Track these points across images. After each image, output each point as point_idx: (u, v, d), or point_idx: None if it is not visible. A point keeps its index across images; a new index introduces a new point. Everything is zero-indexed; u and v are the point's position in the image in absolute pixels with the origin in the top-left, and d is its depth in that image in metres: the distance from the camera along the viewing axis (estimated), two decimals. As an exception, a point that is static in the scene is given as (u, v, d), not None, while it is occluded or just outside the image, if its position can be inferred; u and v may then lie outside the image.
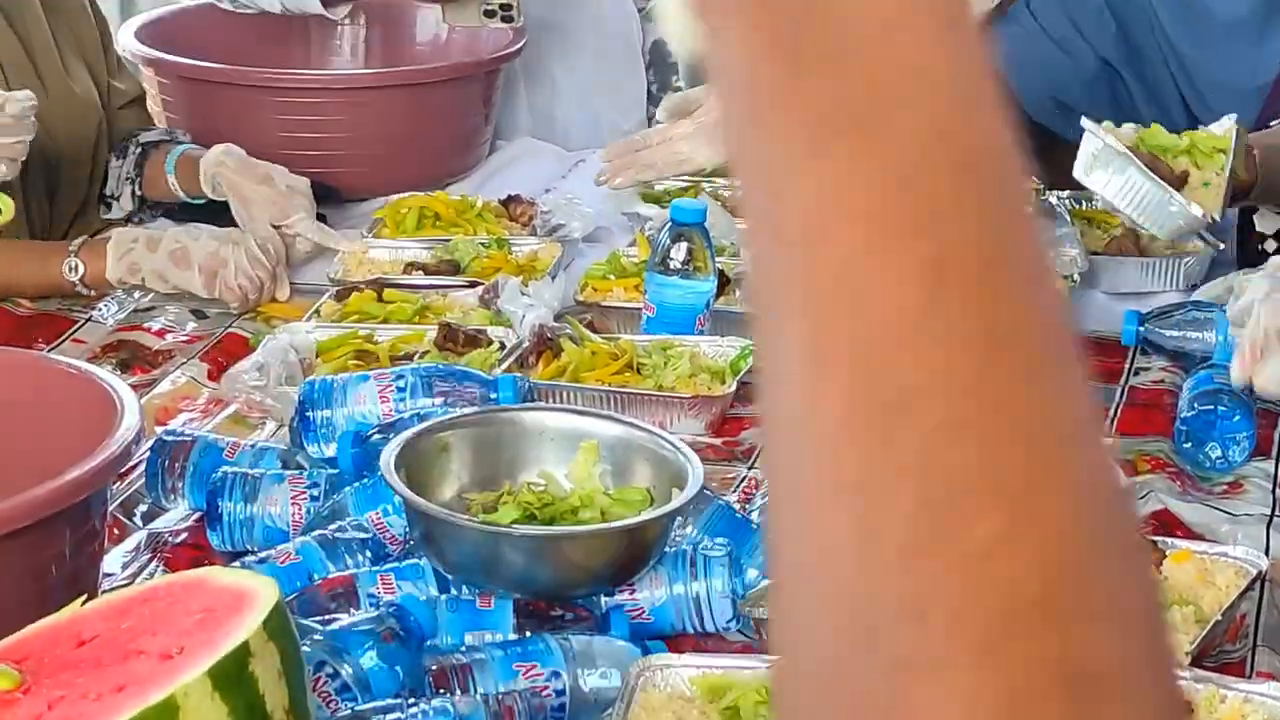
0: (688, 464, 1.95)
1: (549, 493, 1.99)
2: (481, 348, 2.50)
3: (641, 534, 1.88)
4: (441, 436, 1.99)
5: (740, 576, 1.94)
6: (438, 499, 1.95)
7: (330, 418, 2.24)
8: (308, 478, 2.11)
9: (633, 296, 2.69)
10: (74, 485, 1.78)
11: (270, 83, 3.23)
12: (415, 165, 3.22)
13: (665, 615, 1.92)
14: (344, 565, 1.94)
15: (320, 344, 2.53)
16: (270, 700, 1.39)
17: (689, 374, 2.45)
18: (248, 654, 1.38)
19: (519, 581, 1.85)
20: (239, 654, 1.37)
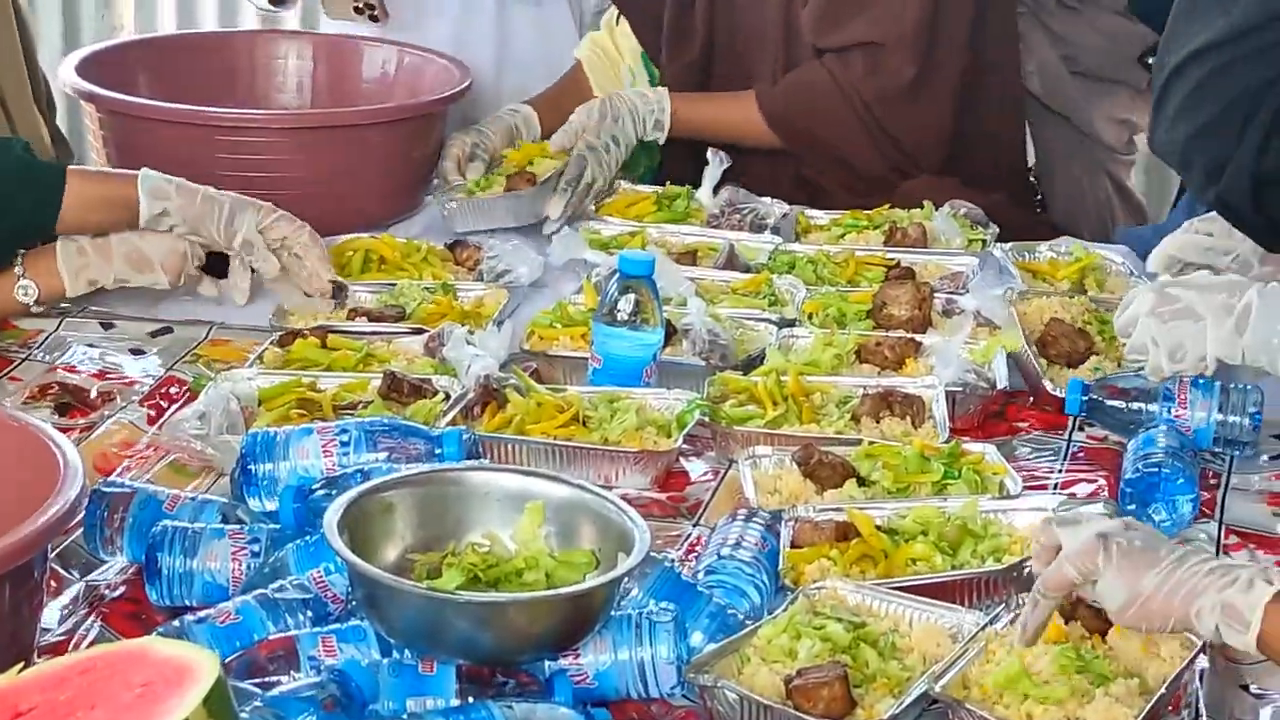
0: (633, 527, 1.93)
1: (494, 554, 1.97)
2: (426, 398, 2.48)
3: (587, 600, 1.86)
4: (385, 496, 1.97)
5: (685, 642, 1.92)
6: (381, 560, 1.93)
7: (272, 471, 2.22)
8: (248, 533, 2.09)
9: (579, 346, 2.68)
10: (17, 547, 1.75)
11: (210, 120, 3.19)
12: (357, 206, 3.19)
13: (609, 681, 1.90)
14: (284, 625, 1.92)
15: (262, 392, 2.50)
16: (210, 779, 1.37)
17: (635, 427, 2.44)
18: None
19: (462, 647, 1.83)
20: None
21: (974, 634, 1.95)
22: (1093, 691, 1.84)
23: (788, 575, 2.10)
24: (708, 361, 2.65)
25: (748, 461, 2.37)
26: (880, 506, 2.23)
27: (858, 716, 1.84)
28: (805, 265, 3.03)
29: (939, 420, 2.48)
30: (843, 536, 2.16)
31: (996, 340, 2.68)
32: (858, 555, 2.13)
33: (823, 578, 2.07)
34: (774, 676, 1.88)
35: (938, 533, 2.16)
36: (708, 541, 2.18)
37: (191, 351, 2.78)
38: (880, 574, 2.11)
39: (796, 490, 2.31)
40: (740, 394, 2.55)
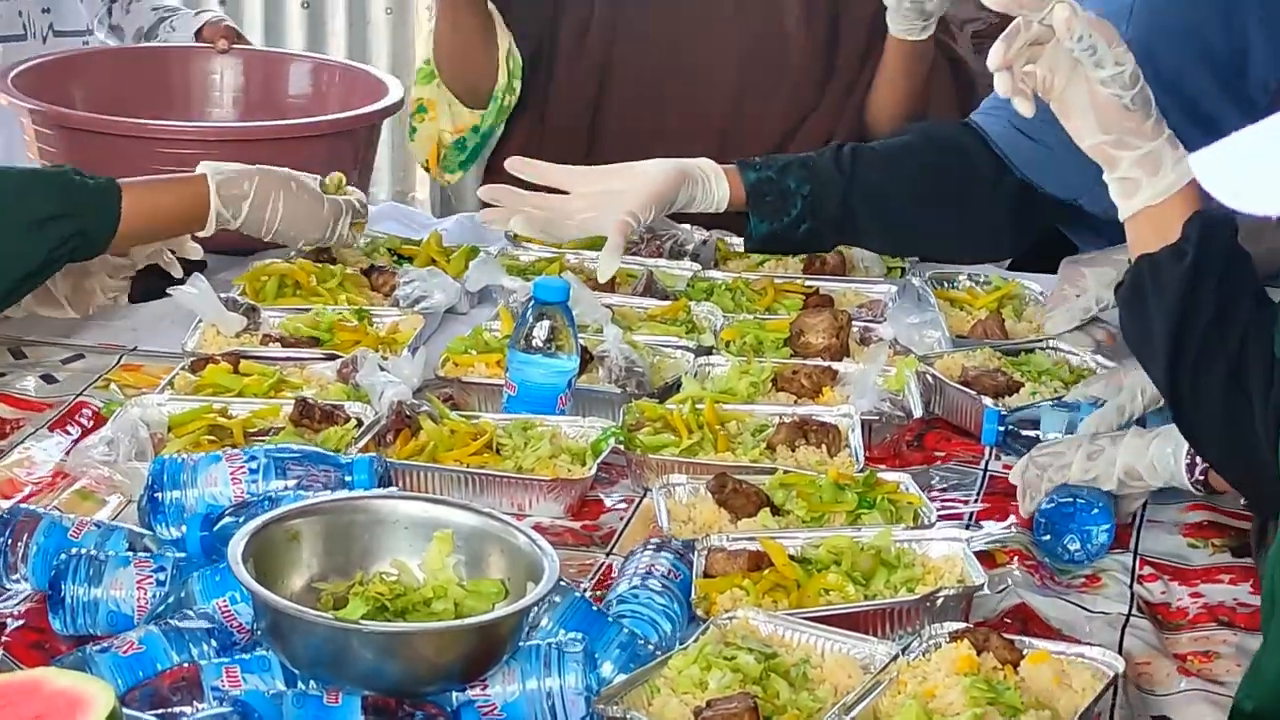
0: (543, 556, 1.92)
1: (401, 583, 1.95)
2: (338, 424, 2.46)
3: (494, 630, 1.84)
4: (292, 525, 1.94)
5: (595, 672, 1.91)
6: (287, 589, 1.90)
7: (180, 499, 2.19)
8: (154, 561, 2.06)
9: (494, 373, 2.66)
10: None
11: (142, 132, 3.19)
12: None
13: (518, 712, 1.88)
14: (189, 655, 1.89)
15: (173, 418, 2.48)
16: (103, 814, 1.34)
17: (549, 455, 2.42)
18: (80, 766, 1.34)
19: (368, 677, 1.81)
20: (71, 767, 1.33)
21: (885, 665, 1.94)
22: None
23: (700, 605, 2.09)
24: (624, 389, 2.64)
25: (662, 490, 2.35)
26: (794, 536, 2.22)
27: (768, 751, 1.82)
28: (723, 292, 3.03)
29: (854, 449, 2.47)
30: (756, 566, 2.15)
31: (907, 363, 2.67)
32: (770, 585, 2.12)
33: (735, 608, 2.06)
34: (684, 708, 1.87)
35: (851, 562, 2.15)
36: (620, 571, 2.16)
37: (103, 376, 2.75)
38: (793, 604, 2.10)
39: (710, 519, 2.30)
40: (656, 421, 2.53)
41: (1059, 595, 2.22)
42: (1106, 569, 2.29)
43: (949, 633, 1.98)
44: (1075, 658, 1.96)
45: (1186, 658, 2.11)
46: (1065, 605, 2.19)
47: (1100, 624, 2.15)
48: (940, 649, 1.96)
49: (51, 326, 2.87)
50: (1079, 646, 2.00)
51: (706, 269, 3.12)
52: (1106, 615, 2.18)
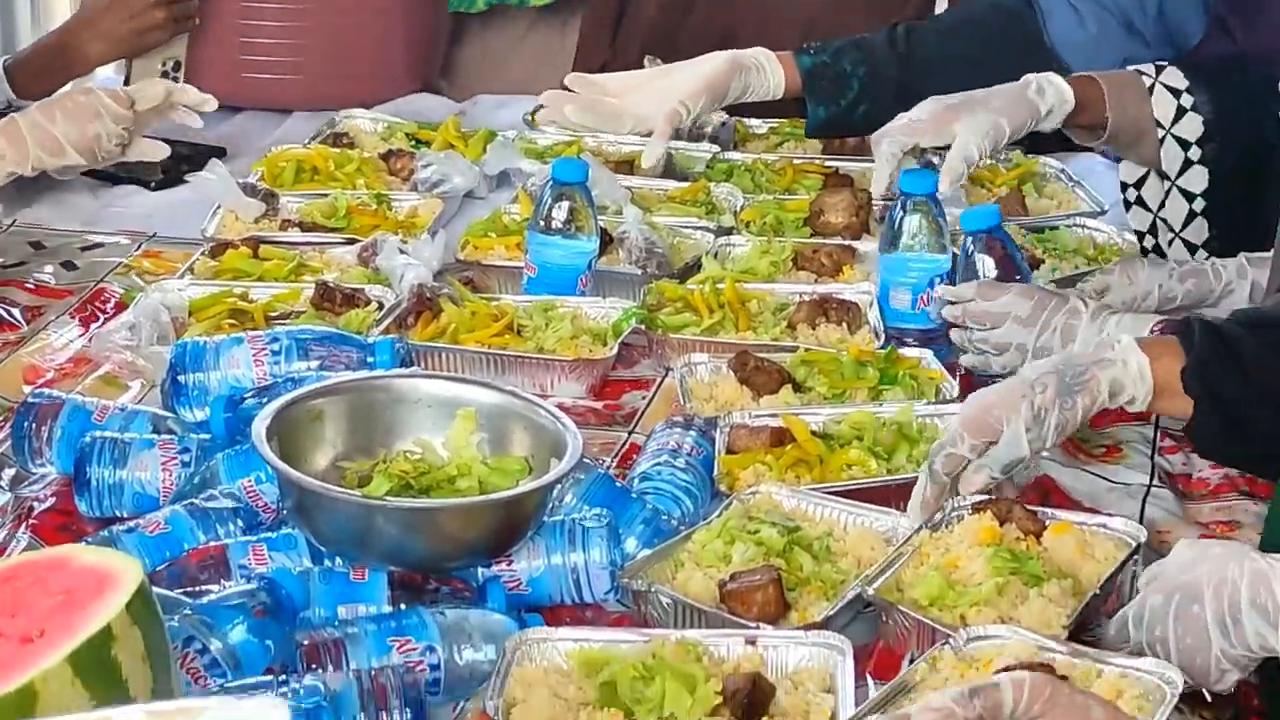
0: (566, 433, 1.92)
1: (425, 461, 1.95)
2: (359, 307, 2.46)
3: (518, 505, 1.85)
4: (315, 404, 1.95)
5: (619, 547, 1.91)
6: (311, 468, 1.91)
7: (203, 381, 2.20)
8: (179, 443, 2.07)
9: (514, 255, 2.66)
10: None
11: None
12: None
13: (543, 587, 1.89)
14: (215, 535, 1.90)
15: (193, 303, 2.48)
16: (133, 685, 1.35)
17: (570, 336, 2.42)
18: (110, 639, 1.35)
19: (393, 554, 1.82)
20: (101, 639, 1.34)
21: (908, 537, 1.94)
22: (1027, 592, 1.84)
23: (722, 481, 2.09)
24: (644, 270, 2.63)
25: (683, 369, 2.35)
26: (816, 412, 2.22)
27: (791, 619, 1.83)
28: (743, 173, 3.01)
29: (875, 326, 2.47)
30: (778, 442, 2.15)
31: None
32: (793, 460, 2.13)
33: (757, 483, 2.06)
34: (708, 581, 1.88)
35: (873, 437, 2.16)
36: (643, 449, 2.16)
37: (123, 263, 2.75)
38: (815, 479, 2.11)
39: (732, 397, 2.30)
40: (676, 302, 2.53)
41: (1080, 467, 2.22)
42: (1129, 440, 2.29)
43: (971, 505, 1.98)
44: (1097, 528, 1.96)
45: (1209, 526, 2.12)
46: (1086, 477, 2.20)
47: (1121, 495, 2.16)
48: (963, 521, 1.96)
49: (71, 215, 2.88)
50: (1100, 517, 2.00)
51: (726, 151, 3.11)
52: (1128, 486, 2.18)
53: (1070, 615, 1.81)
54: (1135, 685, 1.69)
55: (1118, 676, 1.70)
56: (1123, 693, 1.68)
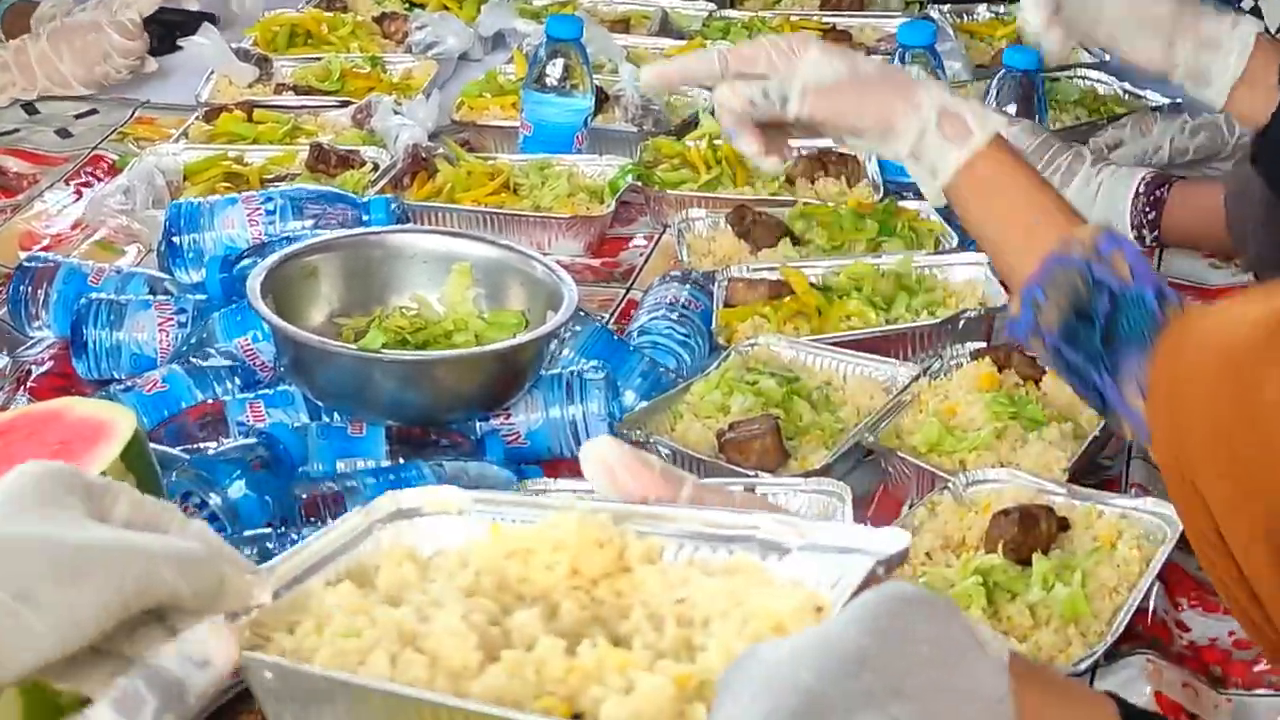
0: (562, 285, 1.91)
1: (422, 317, 1.95)
2: (354, 169, 2.45)
3: (515, 357, 1.84)
4: (309, 261, 1.94)
5: (617, 399, 1.91)
6: (307, 324, 1.90)
7: (198, 242, 2.19)
8: (175, 303, 2.06)
9: (510, 115, 2.64)
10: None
11: None
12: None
13: (541, 439, 1.89)
14: (212, 393, 1.90)
15: (188, 166, 2.47)
16: (130, 533, 1.35)
17: (567, 194, 2.41)
18: (105, 487, 1.34)
19: (391, 407, 1.82)
20: (96, 487, 1.33)
21: (906, 385, 1.94)
22: (1026, 436, 1.84)
23: (721, 334, 2.09)
24: (640, 127, 2.62)
25: (681, 224, 2.34)
26: (814, 264, 2.21)
27: (790, 468, 1.83)
28: (739, 30, 2.99)
29: (873, 178, 2.45)
30: (776, 295, 2.14)
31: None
32: (791, 312, 2.12)
33: (756, 335, 2.05)
34: (707, 431, 1.87)
35: (872, 288, 2.15)
36: (640, 304, 2.16)
37: (118, 130, 2.73)
38: (814, 330, 2.10)
39: (730, 251, 2.29)
40: (673, 158, 2.51)
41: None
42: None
43: (970, 352, 1.98)
44: (1097, 373, 1.96)
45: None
46: (1087, 325, 2.19)
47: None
48: (962, 368, 1.96)
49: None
50: (1100, 362, 1.99)
51: (722, 8, 3.08)
52: (1129, 334, 2.17)
53: (1070, 458, 1.81)
54: (1135, 525, 1.69)
55: (1118, 518, 1.70)
56: (1123, 533, 1.68)
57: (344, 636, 0.90)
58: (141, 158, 2.46)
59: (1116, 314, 1.47)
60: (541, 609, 0.91)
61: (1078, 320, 1.48)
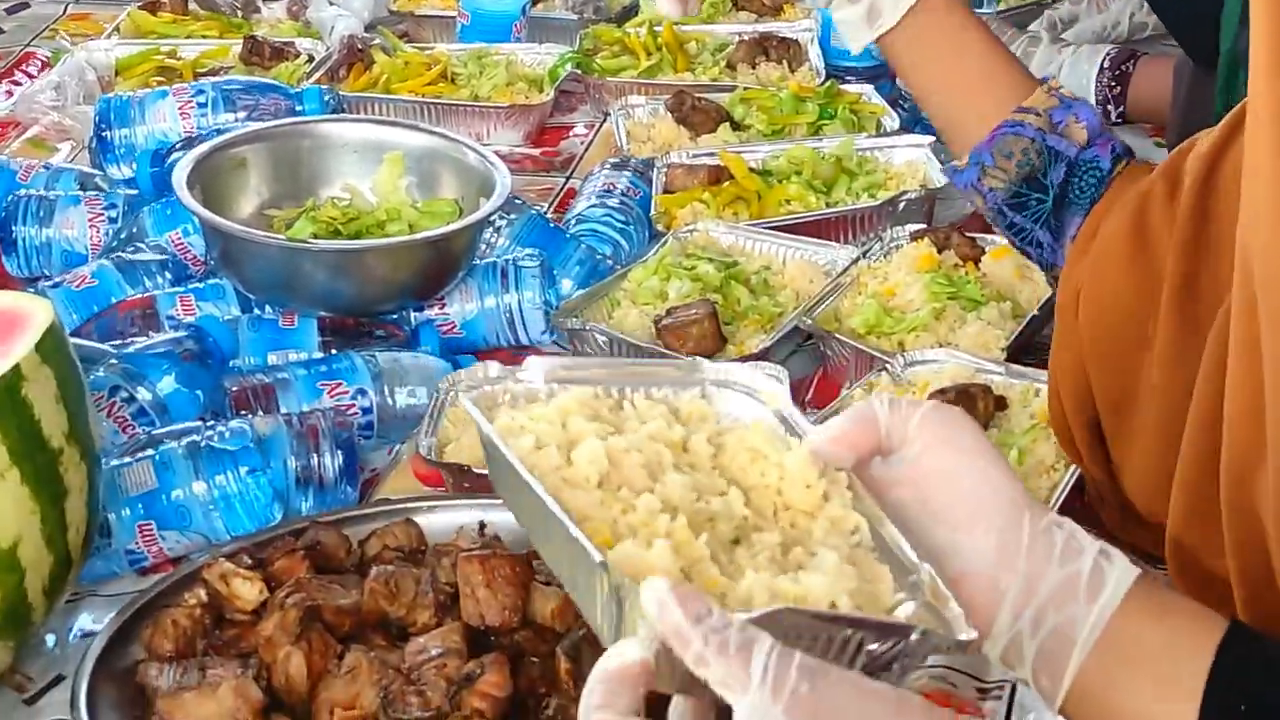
0: (495, 172, 1.88)
1: (354, 207, 1.92)
2: (289, 61, 2.41)
3: (447, 245, 1.82)
4: (237, 152, 1.91)
5: (554, 288, 1.89)
6: (236, 216, 1.88)
7: (129, 137, 2.16)
8: (105, 199, 2.03)
9: (447, 4, 2.60)
10: None
11: None
12: None
13: (477, 329, 1.87)
14: (142, 287, 1.87)
15: (120, 61, 2.43)
16: (47, 425, 1.33)
17: (505, 83, 2.38)
18: (20, 378, 1.32)
19: (322, 298, 1.79)
20: (10, 378, 1.31)
21: (846, 268, 1.92)
22: (965, 316, 1.82)
23: (660, 220, 2.06)
24: (580, 15, 2.58)
25: (621, 111, 2.31)
26: (754, 149, 2.19)
27: (728, 353, 1.81)
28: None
29: (815, 63, 2.43)
30: (716, 180, 2.12)
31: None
32: (731, 197, 2.09)
33: (695, 221, 2.03)
34: (644, 318, 1.85)
35: (812, 171, 2.12)
36: (579, 192, 2.13)
37: (50, 26, 2.69)
38: (754, 215, 2.08)
39: (670, 137, 2.26)
40: (613, 45, 2.48)
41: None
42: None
43: (910, 233, 1.96)
44: (1037, 252, 1.94)
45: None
46: (1030, 206, 2.17)
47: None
48: (901, 250, 1.94)
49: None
50: (1041, 241, 1.97)
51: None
52: (1071, 214, 2.15)
53: (1008, 337, 1.79)
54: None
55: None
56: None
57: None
58: (73, 53, 2.42)
59: (1069, 179, 1.45)
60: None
61: (1028, 188, 1.46)
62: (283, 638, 1.33)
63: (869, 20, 1.49)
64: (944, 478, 1.00)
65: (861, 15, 1.49)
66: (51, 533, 1.33)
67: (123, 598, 1.43)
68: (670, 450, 1.03)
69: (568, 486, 1.00)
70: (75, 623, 1.46)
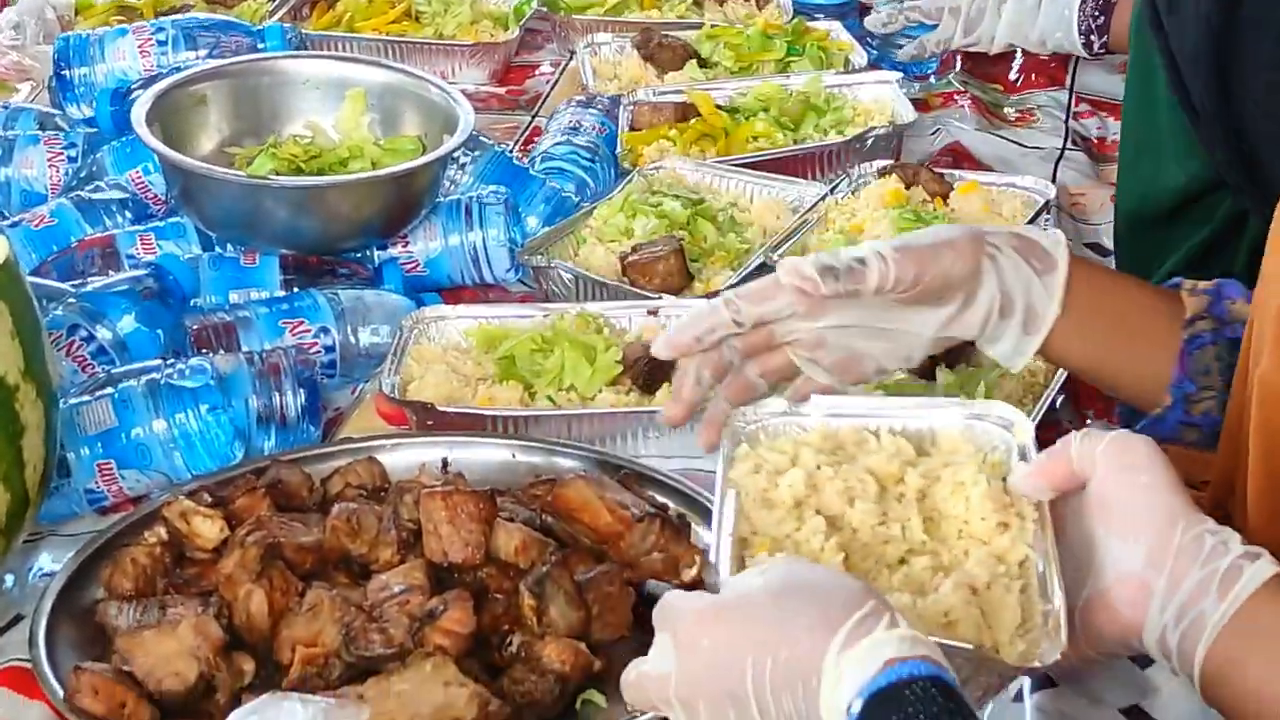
0: (458, 108, 1.86)
1: (316, 144, 1.90)
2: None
3: (409, 181, 1.79)
4: (197, 89, 1.89)
5: (519, 225, 1.87)
6: (196, 154, 1.85)
7: (88, 75, 2.13)
8: (65, 138, 2.01)
9: (412, -58, 2.57)
10: None
11: None
12: None
13: (441, 267, 1.85)
14: (102, 226, 1.85)
15: (80, 0, 2.40)
16: (2, 361, 1.31)
17: (470, 21, 2.36)
18: (-27, 315, 1.30)
19: (284, 235, 1.77)
20: (-37, 315, 1.29)
21: (814, 204, 1.90)
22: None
23: (626, 158, 2.05)
24: (546, -48, 2.55)
25: (587, 49, 2.29)
26: (721, 86, 2.17)
27: (695, 290, 1.79)
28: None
29: (783, 1, 2.41)
30: (682, 117, 2.10)
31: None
32: (697, 135, 2.08)
33: (661, 158, 2.01)
34: (610, 255, 1.84)
35: (779, 108, 2.11)
36: (544, 130, 2.11)
37: (9, -34, 2.66)
38: (720, 152, 2.06)
39: (636, 75, 2.25)
40: (580, -17, 2.46)
41: (992, 132, 2.18)
42: (1042, 105, 2.25)
43: (878, 169, 1.94)
44: (1006, 187, 1.93)
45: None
46: (999, 142, 2.16)
47: (1034, 159, 2.12)
48: (869, 186, 1.92)
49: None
50: (1009, 176, 1.96)
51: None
52: (1040, 150, 2.14)
53: (976, 272, 1.78)
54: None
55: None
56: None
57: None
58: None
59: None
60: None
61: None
62: (243, 576, 1.31)
63: (1027, 327, 1.32)
64: (1119, 497, 1.14)
65: (1018, 327, 1.32)
66: (8, 470, 1.31)
67: (82, 537, 1.42)
68: (879, 480, 1.22)
69: (763, 504, 1.21)
70: (35, 563, 1.44)
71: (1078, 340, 1.33)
